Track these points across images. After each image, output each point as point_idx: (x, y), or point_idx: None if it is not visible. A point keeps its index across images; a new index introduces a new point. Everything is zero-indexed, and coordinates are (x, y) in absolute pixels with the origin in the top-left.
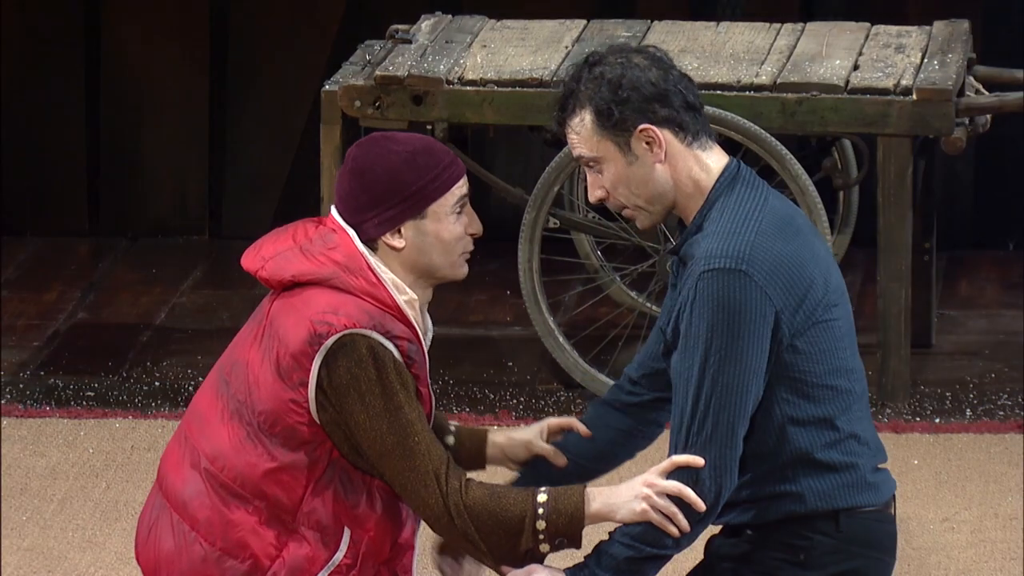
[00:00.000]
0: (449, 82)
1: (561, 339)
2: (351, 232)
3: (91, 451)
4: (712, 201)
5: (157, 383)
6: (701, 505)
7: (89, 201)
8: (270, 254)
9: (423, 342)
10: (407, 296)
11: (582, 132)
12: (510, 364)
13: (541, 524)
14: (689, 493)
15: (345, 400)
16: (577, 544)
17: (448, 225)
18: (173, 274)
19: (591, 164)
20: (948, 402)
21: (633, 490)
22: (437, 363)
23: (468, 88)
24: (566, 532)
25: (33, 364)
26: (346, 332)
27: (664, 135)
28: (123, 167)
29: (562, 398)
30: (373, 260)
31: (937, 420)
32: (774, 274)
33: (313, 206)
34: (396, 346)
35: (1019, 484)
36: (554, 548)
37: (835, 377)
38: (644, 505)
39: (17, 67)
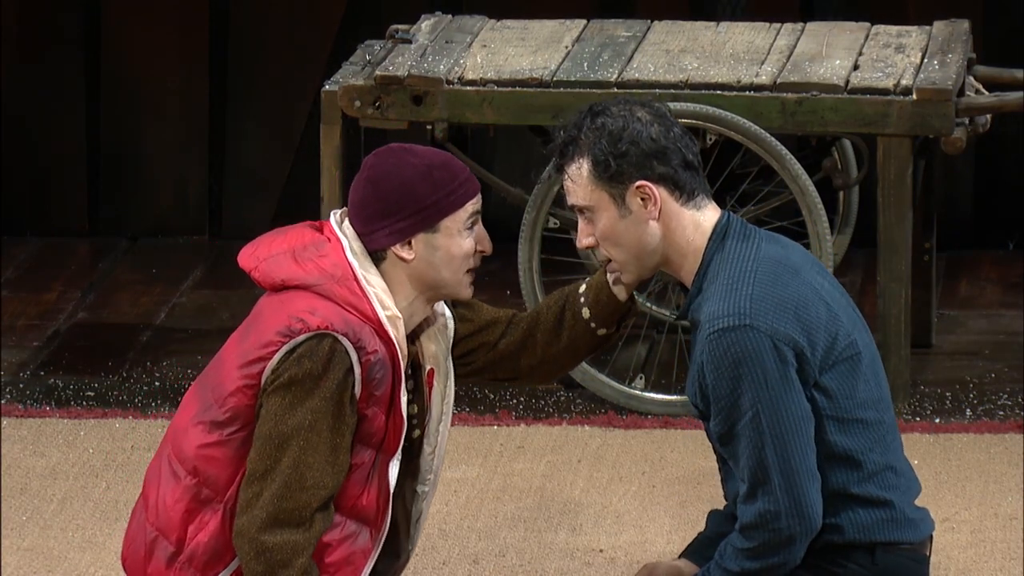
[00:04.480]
0: (449, 82)
1: None
2: (344, 241)
3: (91, 451)
4: (707, 261)
5: (157, 383)
6: None
7: (89, 201)
8: (264, 255)
9: (400, 360)
10: (390, 312)
11: (578, 180)
12: None
13: None
14: None
15: (279, 385)
16: None
17: (459, 241)
18: (173, 274)
19: (584, 212)
20: (948, 402)
21: None
22: None
23: (468, 88)
24: None
25: (33, 364)
26: (317, 332)
27: (660, 192)
28: (123, 167)
29: (562, 398)
30: (361, 272)
31: (937, 420)
32: (780, 319)
33: (313, 206)
34: (360, 359)
35: (1019, 484)
36: None
37: (863, 410)
38: None
39: (17, 67)
